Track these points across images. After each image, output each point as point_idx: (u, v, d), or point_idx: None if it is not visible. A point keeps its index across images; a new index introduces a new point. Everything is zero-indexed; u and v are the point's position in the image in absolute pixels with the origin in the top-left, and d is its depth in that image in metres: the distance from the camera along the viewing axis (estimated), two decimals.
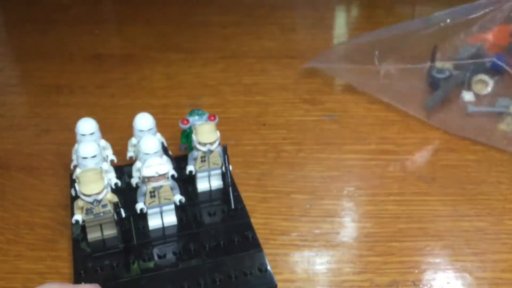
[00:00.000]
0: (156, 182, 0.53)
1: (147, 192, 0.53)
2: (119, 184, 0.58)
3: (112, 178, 0.57)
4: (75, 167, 0.56)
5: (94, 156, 0.53)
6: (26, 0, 1.16)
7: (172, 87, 0.84)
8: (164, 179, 0.53)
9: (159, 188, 0.53)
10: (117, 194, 0.53)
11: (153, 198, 0.54)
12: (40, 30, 1.03)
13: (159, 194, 0.54)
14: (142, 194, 0.54)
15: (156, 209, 0.55)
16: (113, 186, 0.57)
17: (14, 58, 0.99)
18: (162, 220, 0.55)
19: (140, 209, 0.54)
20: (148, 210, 0.54)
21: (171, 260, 0.52)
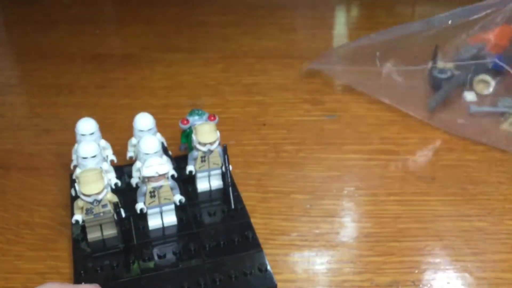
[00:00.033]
0: (156, 182, 0.53)
1: (147, 192, 0.53)
2: (119, 184, 0.58)
3: (112, 178, 0.57)
4: (75, 167, 0.56)
5: (94, 156, 0.53)
6: (26, 0, 1.16)
7: (172, 87, 0.84)
8: (164, 179, 0.53)
9: (159, 188, 0.53)
10: (117, 194, 0.53)
11: (153, 198, 0.54)
12: (40, 30, 1.03)
13: (159, 194, 0.54)
14: (142, 194, 0.54)
15: (156, 209, 0.55)
16: (113, 186, 0.57)
17: (14, 58, 0.99)
18: (162, 220, 0.55)
19: (140, 209, 0.54)
20: (148, 210, 0.54)
21: (171, 260, 0.52)
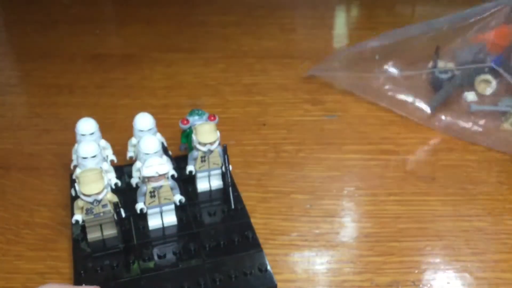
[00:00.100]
0: (156, 182, 0.53)
1: (147, 192, 0.53)
2: (119, 184, 0.58)
3: (112, 178, 0.57)
4: (75, 167, 0.56)
5: (94, 156, 0.53)
6: (26, 0, 1.16)
7: (172, 87, 0.84)
8: (164, 179, 0.53)
9: (159, 188, 0.53)
10: (117, 194, 0.53)
11: (153, 198, 0.54)
12: (40, 30, 1.03)
13: (159, 194, 0.54)
14: (142, 194, 0.54)
15: (156, 209, 0.55)
16: (113, 186, 0.57)
17: (14, 58, 0.99)
18: (162, 220, 0.55)
19: (140, 209, 0.54)
20: (148, 210, 0.54)
21: (171, 260, 0.52)
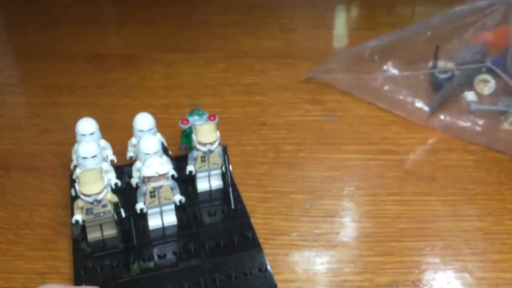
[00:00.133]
0: (156, 182, 0.53)
1: (147, 192, 0.53)
2: (119, 184, 0.58)
3: (112, 178, 0.57)
4: (75, 167, 0.56)
5: (94, 156, 0.53)
6: (26, 0, 1.16)
7: (172, 87, 0.84)
8: (164, 179, 0.53)
9: (159, 188, 0.53)
10: (117, 194, 0.53)
11: (153, 198, 0.54)
12: (40, 30, 1.03)
13: (159, 194, 0.54)
14: (142, 194, 0.54)
15: (156, 209, 0.54)
16: (113, 186, 0.57)
17: (14, 58, 0.99)
18: (162, 220, 0.55)
19: (140, 209, 0.54)
20: (148, 210, 0.54)
21: (171, 260, 0.52)
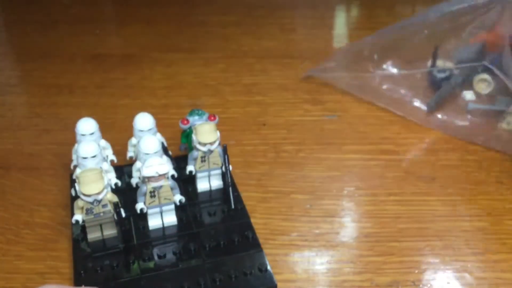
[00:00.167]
0: (156, 182, 0.53)
1: (147, 192, 0.53)
2: (119, 184, 0.58)
3: (112, 178, 0.57)
4: (75, 167, 0.56)
5: (94, 156, 0.53)
6: (26, 0, 1.16)
7: (172, 87, 0.84)
8: (164, 179, 0.53)
9: (159, 188, 0.53)
10: (117, 194, 0.53)
11: (153, 198, 0.54)
12: (40, 30, 1.03)
13: (159, 194, 0.54)
14: (142, 194, 0.54)
15: (156, 209, 0.55)
16: (113, 186, 0.57)
17: (14, 58, 0.99)
18: (162, 220, 0.55)
19: (140, 209, 0.54)
20: (148, 210, 0.54)
21: (171, 260, 0.52)
